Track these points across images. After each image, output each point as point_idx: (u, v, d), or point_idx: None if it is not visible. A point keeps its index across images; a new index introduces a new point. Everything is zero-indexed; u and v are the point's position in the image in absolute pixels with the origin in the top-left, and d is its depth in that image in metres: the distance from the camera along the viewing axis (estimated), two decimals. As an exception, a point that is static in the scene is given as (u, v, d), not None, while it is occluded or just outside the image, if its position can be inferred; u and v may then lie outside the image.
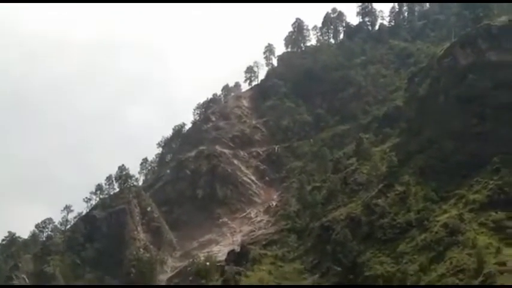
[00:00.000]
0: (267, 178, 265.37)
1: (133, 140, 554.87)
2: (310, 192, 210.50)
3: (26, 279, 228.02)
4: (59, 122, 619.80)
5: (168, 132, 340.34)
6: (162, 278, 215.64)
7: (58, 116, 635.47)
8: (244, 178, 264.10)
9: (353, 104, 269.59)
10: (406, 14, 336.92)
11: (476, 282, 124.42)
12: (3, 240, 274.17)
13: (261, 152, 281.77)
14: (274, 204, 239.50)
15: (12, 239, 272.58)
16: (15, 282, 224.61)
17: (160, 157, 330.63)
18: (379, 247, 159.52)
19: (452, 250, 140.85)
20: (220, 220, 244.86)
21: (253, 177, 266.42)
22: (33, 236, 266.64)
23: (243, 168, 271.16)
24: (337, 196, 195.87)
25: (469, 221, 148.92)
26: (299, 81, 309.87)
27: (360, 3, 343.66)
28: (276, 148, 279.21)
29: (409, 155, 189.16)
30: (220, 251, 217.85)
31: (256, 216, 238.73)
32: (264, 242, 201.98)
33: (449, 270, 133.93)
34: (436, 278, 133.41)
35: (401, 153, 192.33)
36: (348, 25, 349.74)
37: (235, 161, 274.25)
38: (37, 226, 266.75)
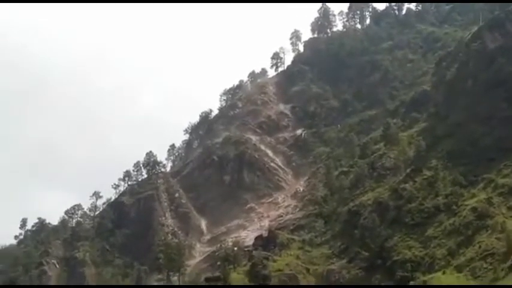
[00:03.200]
0: (294, 164, 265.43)
1: (158, 126, 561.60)
2: (337, 177, 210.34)
3: (56, 265, 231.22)
4: (76, 105, 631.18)
5: (195, 119, 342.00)
6: (190, 263, 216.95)
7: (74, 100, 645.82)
8: (271, 164, 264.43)
9: (380, 89, 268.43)
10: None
11: (505, 266, 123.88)
12: (33, 226, 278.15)
13: (287, 138, 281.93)
14: (301, 189, 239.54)
15: (42, 225, 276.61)
16: (46, 268, 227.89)
17: (188, 143, 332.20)
18: (407, 232, 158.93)
19: (481, 234, 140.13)
20: (248, 205, 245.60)
21: (280, 163, 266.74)
22: (63, 222, 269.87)
23: (270, 153, 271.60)
24: (364, 181, 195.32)
25: (497, 205, 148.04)
26: (325, 67, 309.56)
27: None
28: (303, 134, 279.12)
29: (437, 140, 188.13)
30: (248, 236, 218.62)
31: (284, 202, 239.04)
32: (291, 227, 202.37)
33: (478, 254, 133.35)
34: (464, 262, 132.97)
35: (429, 137, 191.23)
36: (374, 10, 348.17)
37: (262, 147, 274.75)
38: (66, 212, 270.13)
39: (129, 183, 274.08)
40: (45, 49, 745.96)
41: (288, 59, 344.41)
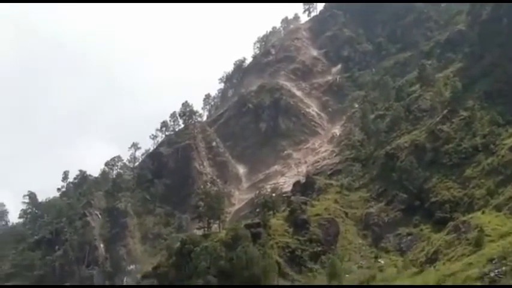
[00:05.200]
0: (329, 109, 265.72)
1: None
2: (373, 121, 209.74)
3: (99, 216, 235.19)
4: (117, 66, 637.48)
5: (229, 68, 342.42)
6: (230, 211, 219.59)
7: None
8: (307, 109, 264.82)
9: (414, 30, 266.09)
10: None
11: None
12: (75, 178, 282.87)
13: (322, 83, 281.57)
14: (337, 134, 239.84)
15: (83, 177, 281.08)
16: (89, 219, 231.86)
17: (223, 92, 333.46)
18: (445, 173, 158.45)
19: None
20: (285, 152, 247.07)
21: (315, 109, 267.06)
22: (103, 173, 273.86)
23: (305, 99, 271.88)
24: (400, 124, 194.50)
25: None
26: (358, 10, 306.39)
27: None
28: (337, 78, 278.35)
29: (473, 80, 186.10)
30: (286, 182, 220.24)
31: (320, 147, 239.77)
32: (329, 172, 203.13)
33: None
34: (503, 202, 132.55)
35: (465, 77, 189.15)
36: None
37: (297, 93, 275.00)
38: (107, 164, 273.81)
39: (166, 133, 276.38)
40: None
41: (320, 3, 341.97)
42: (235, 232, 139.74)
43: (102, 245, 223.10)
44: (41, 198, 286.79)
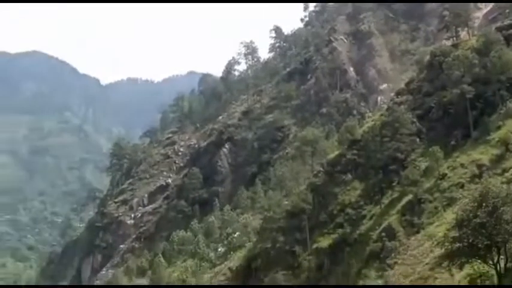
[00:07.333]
0: None
1: None
2: None
3: (344, 40, 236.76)
4: None
5: None
6: (478, 16, 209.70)
7: None
8: None
9: None
10: None
11: None
12: (315, 6, 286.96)
13: None
14: None
15: (323, 4, 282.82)
16: (335, 44, 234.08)
17: None
18: None
19: None
20: None
21: None
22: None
23: None
24: None
25: None
26: None
27: None
28: None
29: None
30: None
31: None
32: None
33: None
34: None
35: None
36: None
37: None
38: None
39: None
40: None
41: None
42: (486, 37, 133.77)
43: (351, 68, 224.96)
44: (286, 31, 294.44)
